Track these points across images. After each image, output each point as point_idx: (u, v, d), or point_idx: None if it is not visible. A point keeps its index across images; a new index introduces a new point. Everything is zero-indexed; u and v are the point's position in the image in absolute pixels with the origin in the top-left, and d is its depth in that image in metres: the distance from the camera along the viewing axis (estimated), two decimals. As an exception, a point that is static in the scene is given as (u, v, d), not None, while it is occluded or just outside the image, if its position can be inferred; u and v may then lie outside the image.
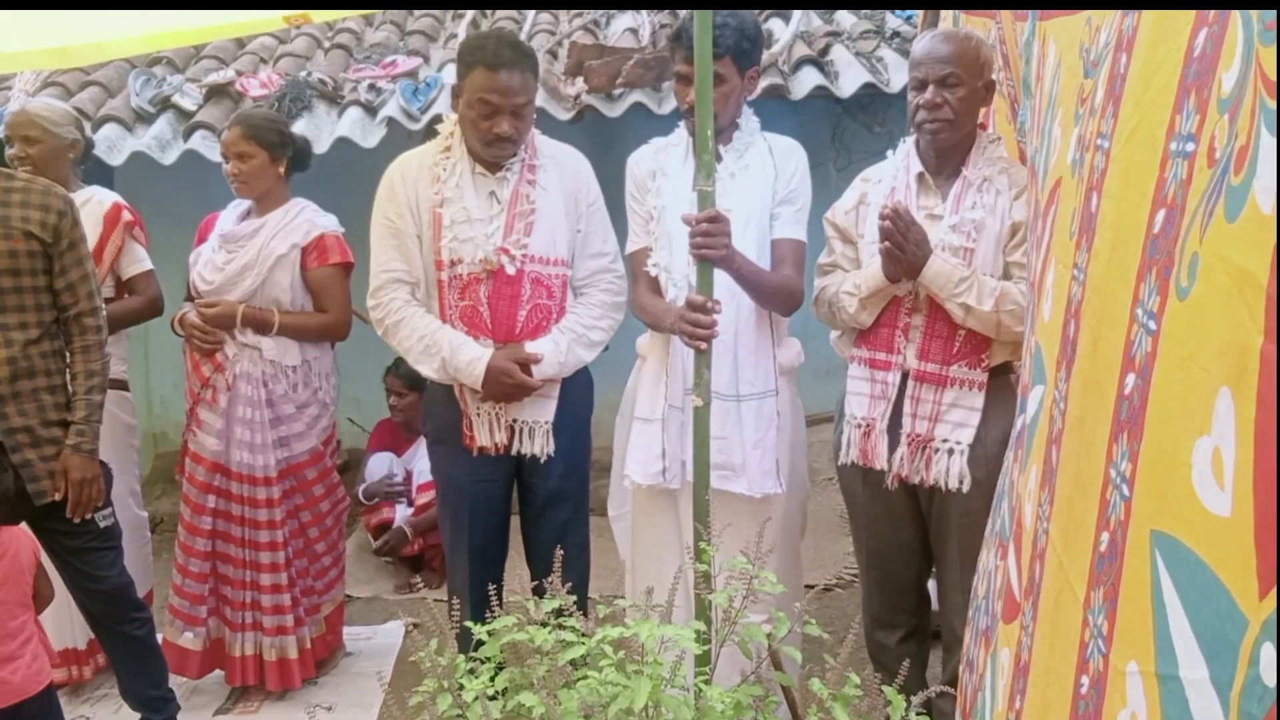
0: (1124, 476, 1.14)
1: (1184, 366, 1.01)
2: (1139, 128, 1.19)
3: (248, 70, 4.94)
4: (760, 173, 2.74)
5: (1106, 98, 1.33)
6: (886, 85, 4.39)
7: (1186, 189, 1.02)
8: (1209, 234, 0.96)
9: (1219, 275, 0.93)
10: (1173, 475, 1.00)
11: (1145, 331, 1.12)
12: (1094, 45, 1.45)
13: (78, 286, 2.72)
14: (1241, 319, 0.88)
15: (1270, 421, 0.82)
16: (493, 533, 2.93)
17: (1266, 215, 0.84)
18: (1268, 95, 0.85)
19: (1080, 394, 1.36)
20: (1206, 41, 1.01)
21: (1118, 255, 1.23)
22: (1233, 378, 0.90)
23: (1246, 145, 0.89)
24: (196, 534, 3.27)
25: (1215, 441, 0.93)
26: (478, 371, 2.69)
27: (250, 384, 3.22)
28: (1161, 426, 1.06)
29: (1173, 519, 1.01)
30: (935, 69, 2.46)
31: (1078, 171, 1.45)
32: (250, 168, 3.18)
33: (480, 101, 2.63)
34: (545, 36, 5.03)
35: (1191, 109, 1.04)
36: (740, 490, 2.69)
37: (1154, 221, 1.11)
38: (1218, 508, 0.91)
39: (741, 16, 2.69)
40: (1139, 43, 1.22)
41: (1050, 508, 1.45)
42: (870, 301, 2.57)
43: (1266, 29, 0.87)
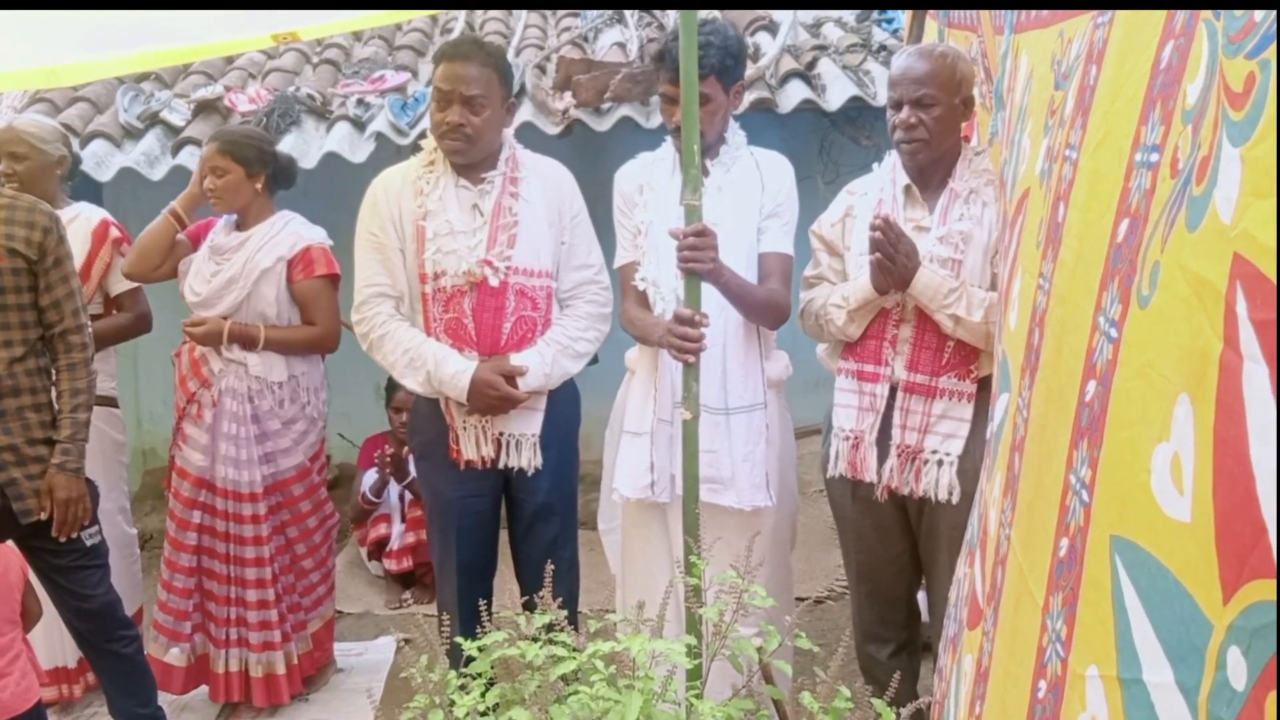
0: (1084, 483, 1.15)
1: (1144, 374, 1.02)
2: (1106, 139, 1.21)
3: (236, 85, 4.94)
4: (747, 187, 2.75)
5: (1076, 109, 1.34)
6: (873, 98, 4.41)
7: (1150, 199, 1.03)
8: (1170, 243, 0.97)
9: (1179, 284, 0.94)
10: (1132, 481, 1.01)
11: (1107, 339, 1.13)
12: (1065, 57, 1.47)
13: (63, 304, 2.71)
14: (1201, 326, 0.89)
15: (1230, 428, 0.83)
16: (481, 547, 2.92)
17: (1226, 225, 0.85)
18: (1230, 107, 0.86)
19: (1042, 401, 1.37)
20: (1173, 54, 1.03)
21: (1082, 264, 1.24)
22: (1192, 384, 0.91)
23: (1209, 156, 0.90)
24: (181, 549, 3.25)
25: (1174, 448, 0.94)
26: (462, 384, 2.68)
27: (236, 399, 3.20)
28: (1121, 433, 1.07)
29: (1133, 524, 1.01)
30: (910, 89, 2.47)
31: (1046, 182, 1.46)
32: (225, 183, 3.17)
33: (435, 91, 2.67)
34: (533, 51, 5.04)
35: (1157, 120, 1.05)
36: (730, 503, 2.69)
37: (1117, 231, 1.12)
38: (1178, 513, 0.92)
39: (724, 34, 2.70)
40: (1108, 55, 1.24)
41: (1012, 514, 1.46)
42: (859, 313, 2.58)
43: (1230, 41, 0.88)
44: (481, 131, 2.69)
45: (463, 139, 2.67)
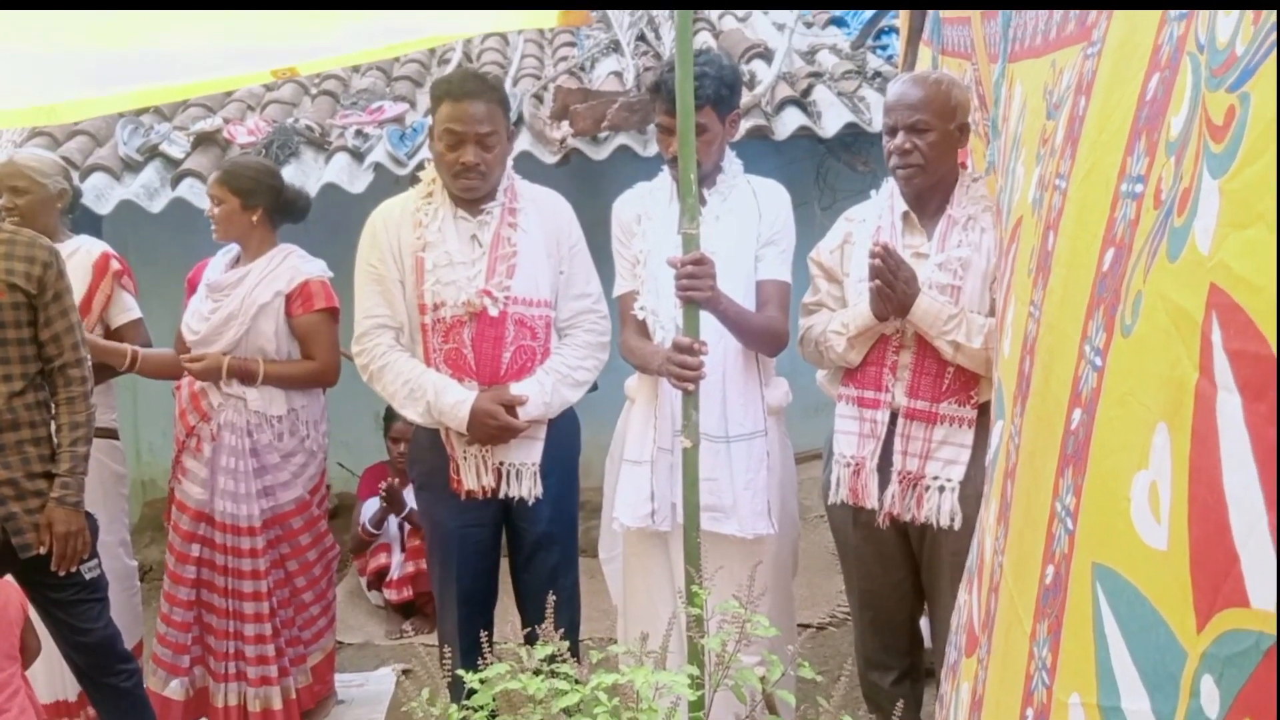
0: (1068, 510, 1.16)
1: (1125, 402, 1.03)
2: (1093, 169, 1.22)
3: (235, 117, 4.97)
4: (744, 215, 2.76)
5: (1066, 139, 1.36)
6: (869, 125, 4.44)
7: (1134, 229, 1.04)
8: (1152, 273, 0.98)
9: (1160, 314, 0.95)
10: (1113, 509, 1.02)
11: (1092, 368, 1.14)
12: (1056, 87, 1.48)
13: (63, 338, 2.72)
14: (1179, 356, 0.90)
15: (1204, 457, 0.83)
16: (482, 577, 2.92)
17: (1204, 255, 0.86)
18: (1211, 139, 0.87)
19: (1032, 429, 1.38)
20: (1158, 86, 1.04)
21: (1069, 293, 1.25)
22: (1169, 414, 0.91)
23: (1190, 187, 0.91)
24: (180, 583, 3.24)
25: (1153, 476, 0.94)
26: (462, 414, 2.69)
27: (235, 433, 3.20)
28: (1103, 461, 1.07)
29: (1113, 552, 1.02)
30: (905, 115, 2.48)
31: (1037, 210, 1.48)
32: (222, 212, 3.20)
33: (446, 132, 2.67)
34: (531, 80, 5.08)
35: (1141, 151, 1.06)
36: (731, 531, 2.68)
37: (1103, 260, 1.13)
38: (1155, 541, 0.93)
39: (719, 64, 2.73)
40: (1097, 86, 1.25)
41: (1005, 541, 1.47)
42: (859, 340, 2.58)
43: (1213, 75, 0.89)
44: (493, 167, 2.72)
45: (478, 177, 2.70)
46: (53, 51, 2.49)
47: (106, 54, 2.54)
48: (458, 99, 2.65)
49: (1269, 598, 0.72)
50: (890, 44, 5.03)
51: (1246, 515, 0.77)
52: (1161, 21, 1.06)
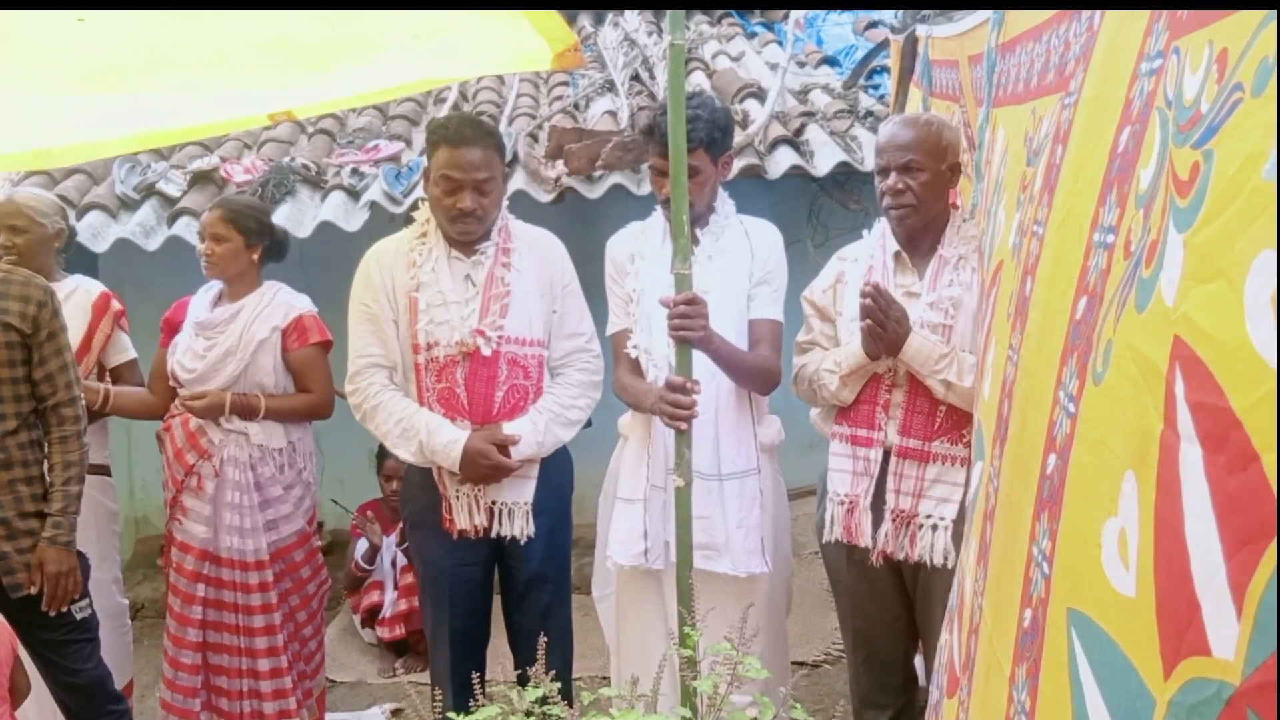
0: (1045, 554, 1.17)
1: (1096, 449, 1.04)
2: (1068, 217, 1.24)
3: (232, 156, 5.00)
4: (737, 255, 2.79)
5: (1044, 187, 1.38)
6: (861, 164, 4.47)
7: (1105, 279, 1.06)
8: (1122, 323, 1.00)
9: (1128, 363, 0.97)
10: (1085, 555, 1.04)
11: (1066, 414, 1.15)
12: (1036, 134, 1.51)
13: (56, 377, 2.72)
14: (1145, 406, 0.92)
15: (1169, 505, 0.85)
16: (474, 617, 2.91)
17: (1169, 307, 0.88)
18: (1177, 194, 0.89)
19: (1010, 471, 1.40)
20: (1129, 139, 1.06)
21: (1045, 339, 1.27)
22: (1137, 462, 0.93)
23: (1157, 240, 0.93)
24: (188, 624, 3.22)
25: (1121, 523, 0.96)
26: (455, 454, 2.70)
27: (238, 468, 3.21)
28: (1076, 506, 1.09)
29: (1086, 598, 1.03)
30: (897, 156, 2.51)
31: (1017, 255, 1.50)
32: (225, 250, 3.20)
33: (443, 178, 2.69)
34: (526, 120, 5.12)
35: (1113, 202, 1.08)
36: (724, 570, 2.69)
37: (1077, 308, 1.15)
38: (1124, 588, 0.94)
39: (711, 107, 2.76)
40: (1073, 136, 1.28)
41: (984, 582, 1.48)
42: (851, 379, 2.60)
43: (1179, 131, 0.91)
44: (489, 210, 2.75)
45: (475, 222, 2.73)
46: (51, 96, 2.52)
47: (104, 98, 2.57)
48: (455, 145, 2.67)
49: (1228, 647, 0.73)
50: (882, 83, 5.09)
51: (1206, 564, 0.78)
52: (1133, 76, 1.08)
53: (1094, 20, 1.35)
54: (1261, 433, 0.71)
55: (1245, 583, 0.72)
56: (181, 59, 2.45)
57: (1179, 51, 0.96)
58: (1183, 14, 0.99)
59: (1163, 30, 1.04)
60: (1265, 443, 0.70)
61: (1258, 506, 0.71)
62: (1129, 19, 1.16)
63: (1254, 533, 0.71)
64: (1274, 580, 0.69)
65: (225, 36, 2.35)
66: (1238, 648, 0.73)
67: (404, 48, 2.58)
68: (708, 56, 5.93)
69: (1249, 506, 0.72)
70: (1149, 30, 1.08)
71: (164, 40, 2.32)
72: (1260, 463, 0.71)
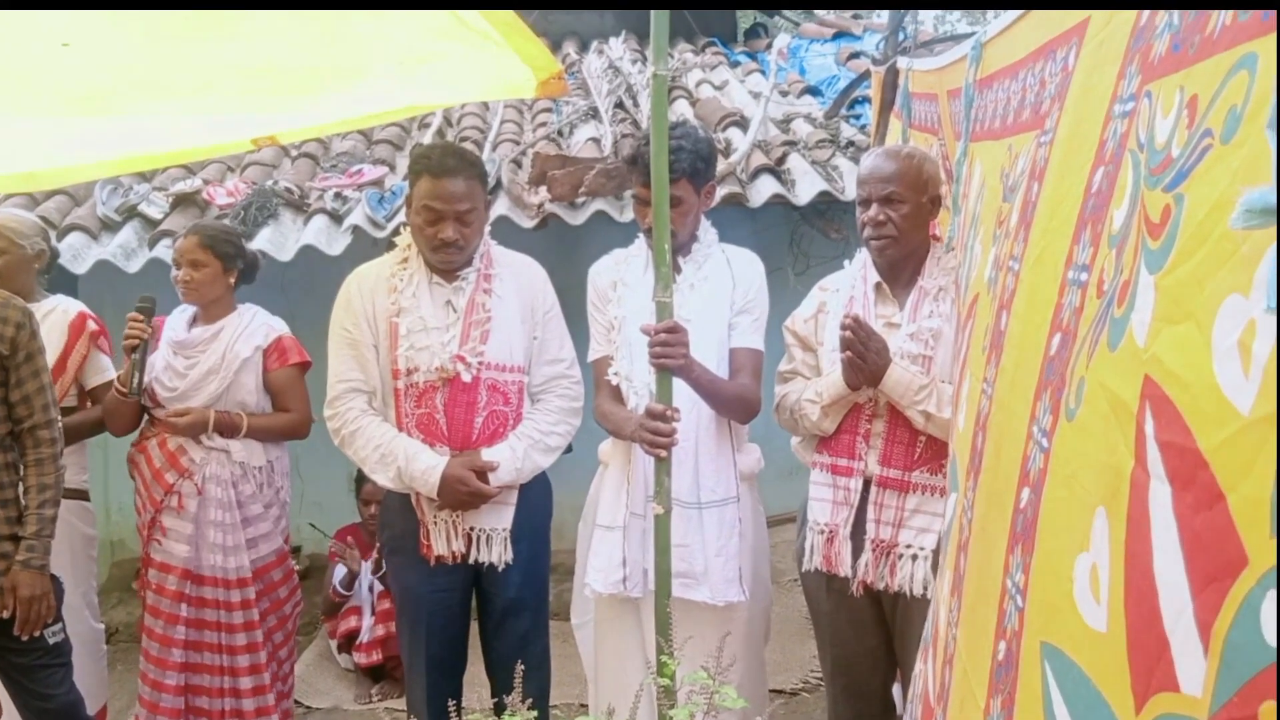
0: (1018, 587, 1.18)
1: (1068, 485, 1.06)
2: (1043, 254, 1.26)
3: (214, 179, 5.00)
4: (719, 284, 2.80)
5: (1019, 223, 1.40)
6: (842, 193, 4.51)
7: (1079, 316, 1.08)
8: (1094, 361, 1.01)
9: (1100, 401, 0.98)
10: (1058, 589, 1.05)
11: (1039, 449, 1.17)
12: (1012, 171, 1.53)
13: (33, 399, 2.71)
14: (1116, 443, 0.93)
15: (1138, 542, 0.86)
16: (451, 643, 2.90)
17: (1140, 347, 0.89)
18: (1149, 235, 0.91)
19: (984, 504, 1.41)
20: (1103, 180, 1.08)
21: (1020, 373, 1.29)
22: (1108, 498, 0.94)
23: (1129, 280, 0.94)
24: (171, 645, 3.20)
25: (1093, 558, 0.97)
26: (433, 480, 2.69)
27: (220, 486, 3.21)
28: (1049, 541, 1.10)
29: (1059, 632, 1.04)
30: (878, 187, 2.54)
31: (992, 289, 1.52)
32: (203, 276, 3.21)
33: (425, 208, 2.69)
34: (510, 146, 5.15)
35: (1087, 241, 1.10)
36: (703, 599, 2.68)
37: (1051, 344, 1.17)
38: (1095, 622, 0.95)
39: (695, 137, 2.78)
40: (1049, 174, 1.30)
41: (959, 614, 1.49)
42: (832, 409, 2.61)
43: (1151, 174, 0.93)
44: (471, 240, 2.76)
45: (456, 251, 2.73)
46: (34, 118, 2.51)
47: (88, 121, 2.57)
48: (437, 176, 2.68)
49: (1196, 683, 0.74)
50: (863, 113, 5.14)
51: (1175, 602, 0.79)
52: (1107, 117, 1.10)
53: (1069, 60, 1.37)
54: (1228, 473, 0.72)
55: (1211, 620, 0.73)
56: (166, 83, 2.45)
57: (1151, 95, 0.98)
58: (1154, 58, 1.01)
59: (1135, 73, 1.06)
60: (1231, 482, 0.72)
61: (1223, 545, 0.72)
62: (1103, 61, 1.18)
63: (1220, 571, 0.72)
64: (1239, 618, 0.70)
65: (210, 61, 2.36)
66: (1205, 684, 0.74)
67: (389, 74, 2.59)
68: (691, 85, 5.98)
69: (1215, 545, 0.73)
70: (1122, 73, 1.10)
71: (148, 64, 2.32)
72: (1226, 502, 0.72)
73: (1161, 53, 0.99)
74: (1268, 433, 0.67)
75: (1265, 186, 0.67)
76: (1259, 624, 0.69)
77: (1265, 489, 0.67)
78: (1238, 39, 0.80)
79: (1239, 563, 0.70)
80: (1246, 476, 0.70)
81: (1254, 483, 0.69)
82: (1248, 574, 0.70)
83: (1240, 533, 0.70)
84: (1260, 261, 0.67)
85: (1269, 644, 0.68)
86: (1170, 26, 0.98)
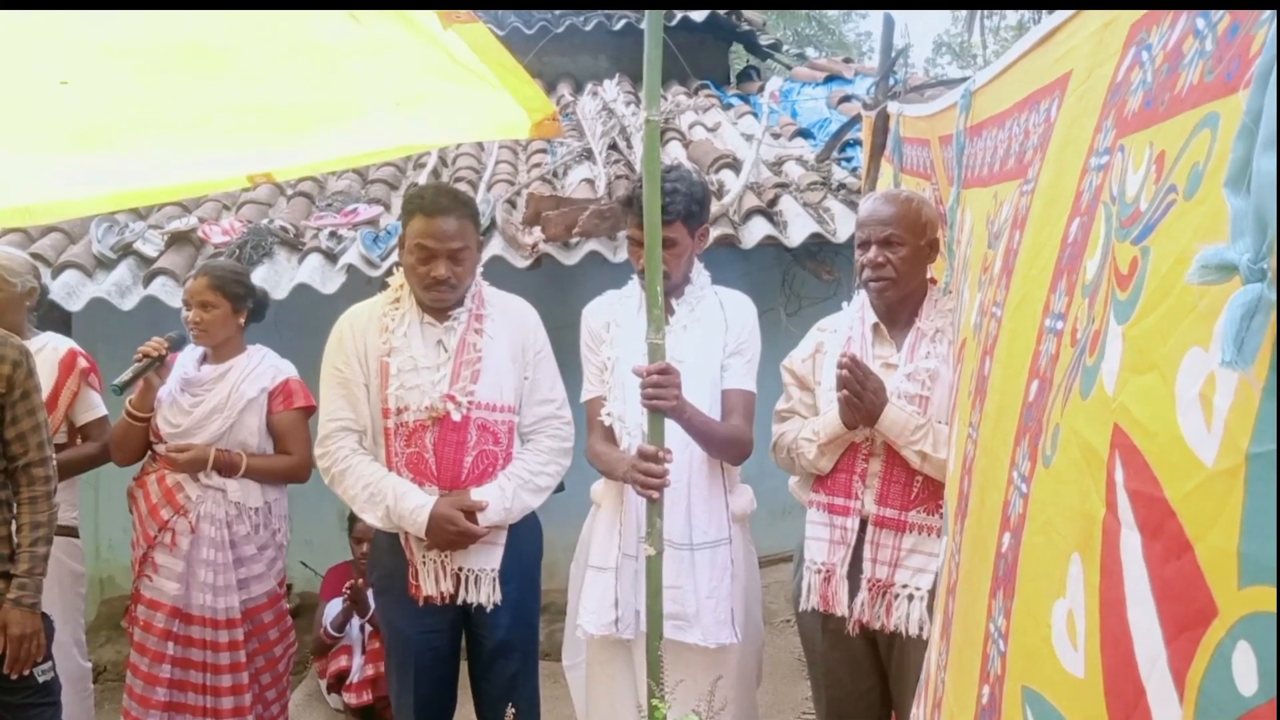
0: (1000, 632, 1.19)
1: (1045, 530, 1.07)
2: (1023, 302, 1.29)
3: (210, 217, 5.03)
4: (711, 325, 2.82)
5: (1002, 269, 1.43)
6: (833, 235, 4.54)
7: (1055, 364, 1.10)
8: (1068, 408, 1.03)
9: (1073, 448, 1.00)
10: (1037, 634, 1.06)
11: (1019, 494, 1.18)
12: (997, 218, 1.56)
13: (28, 436, 2.71)
14: (1089, 490, 0.94)
15: (1112, 589, 0.87)
16: (439, 684, 2.88)
17: (1110, 396, 0.91)
18: (1118, 286, 0.93)
19: (970, 548, 1.42)
20: (1078, 230, 1.10)
21: (1001, 418, 1.30)
22: (1081, 545, 0.96)
23: (1100, 329, 0.96)
24: (157, 684, 3.18)
25: (1069, 605, 0.98)
26: (421, 519, 2.69)
27: (214, 525, 3.20)
28: (1028, 586, 1.11)
29: (1038, 677, 1.05)
30: (877, 230, 2.57)
31: (978, 335, 1.54)
32: (213, 317, 3.23)
33: (418, 247, 2.72)
34: (504, 186, 5.18)
35: (1063, 290, 1.12)
36: (695, 641, 2.68)
37: (1029, 390, 1.19)
38: (1073, 668, 0.96)
39: (690, 180, 2.81)
40: (1029, 223, 1.32)
41: (946, 657, 1.49)
42: (829, 448, 2.62)
43: (1121, 226, 0.95)
44: (463, 279, 2.78)
45: (448, 290, 2.75)
46: (31, 154, 2.54)
47: (84, 157, 2.60)
48: (430, 215, 2.71)
49: (1174, 730, 0.75)
50: (855, 156, 5.18)
51: (1149, 649, 0.80)
52: (1083, 169, 1.13)
53: (1051, 112, 1.40)
54: (1194, 523, 0.74)
55: (1185, 669, 0.74)
56: (163, 120, 2.48)
57: (1124, 149, 1.01)
58: (1129, 113, 1.03)
59: (1111, 128, 1.08)
60: (1198, 533, 0.73)
61: (1193, 595, 0.73)
62: (1082, 114, 1.21)
63: (1190, 620, 0.73)
64: (1212, 667, 0.71)
65: (206, 99, 2.39)
66: (1182, 732, 0.75)
67: (385, 113, 2.63)
68: (684, 127, 6.04)
69: (1185, 594, 0.74)
70: (1099, 127, 1.13)
71: (146, 102, 2.36)
72: (1194, 552, 0.73)
73: (1135, 108, 1.01)
74: (1232, 484, 0.69)
75: (1221, 244, 0.70)
76: (1232, 673, 0.70)
77: (1231, 540, 0.68)
78: (1202, 99, 0.82)
79: (1209, 612, 0.72)
80: (1212, 527, 0.71)
81: (1220, 533, 0.70)
82: (1218, 624, 0.71)
83: (1209, 583, 0.72)
84: (1219, 316, 0.69)
85: (1242, 694, 0.69)
86: (1144, 84, 1.00)
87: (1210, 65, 0.83)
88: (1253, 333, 0.66)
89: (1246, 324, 0.66)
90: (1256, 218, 0.66)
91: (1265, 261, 0.65)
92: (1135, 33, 1.05)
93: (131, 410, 3.23)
